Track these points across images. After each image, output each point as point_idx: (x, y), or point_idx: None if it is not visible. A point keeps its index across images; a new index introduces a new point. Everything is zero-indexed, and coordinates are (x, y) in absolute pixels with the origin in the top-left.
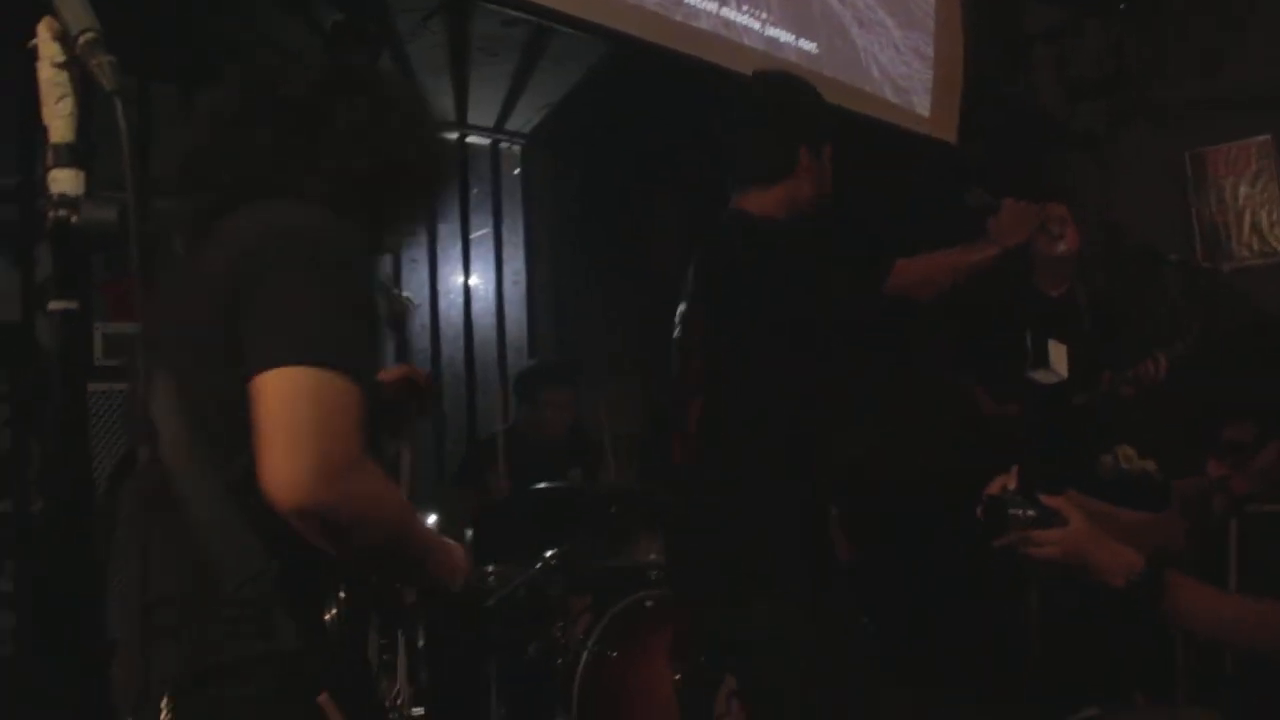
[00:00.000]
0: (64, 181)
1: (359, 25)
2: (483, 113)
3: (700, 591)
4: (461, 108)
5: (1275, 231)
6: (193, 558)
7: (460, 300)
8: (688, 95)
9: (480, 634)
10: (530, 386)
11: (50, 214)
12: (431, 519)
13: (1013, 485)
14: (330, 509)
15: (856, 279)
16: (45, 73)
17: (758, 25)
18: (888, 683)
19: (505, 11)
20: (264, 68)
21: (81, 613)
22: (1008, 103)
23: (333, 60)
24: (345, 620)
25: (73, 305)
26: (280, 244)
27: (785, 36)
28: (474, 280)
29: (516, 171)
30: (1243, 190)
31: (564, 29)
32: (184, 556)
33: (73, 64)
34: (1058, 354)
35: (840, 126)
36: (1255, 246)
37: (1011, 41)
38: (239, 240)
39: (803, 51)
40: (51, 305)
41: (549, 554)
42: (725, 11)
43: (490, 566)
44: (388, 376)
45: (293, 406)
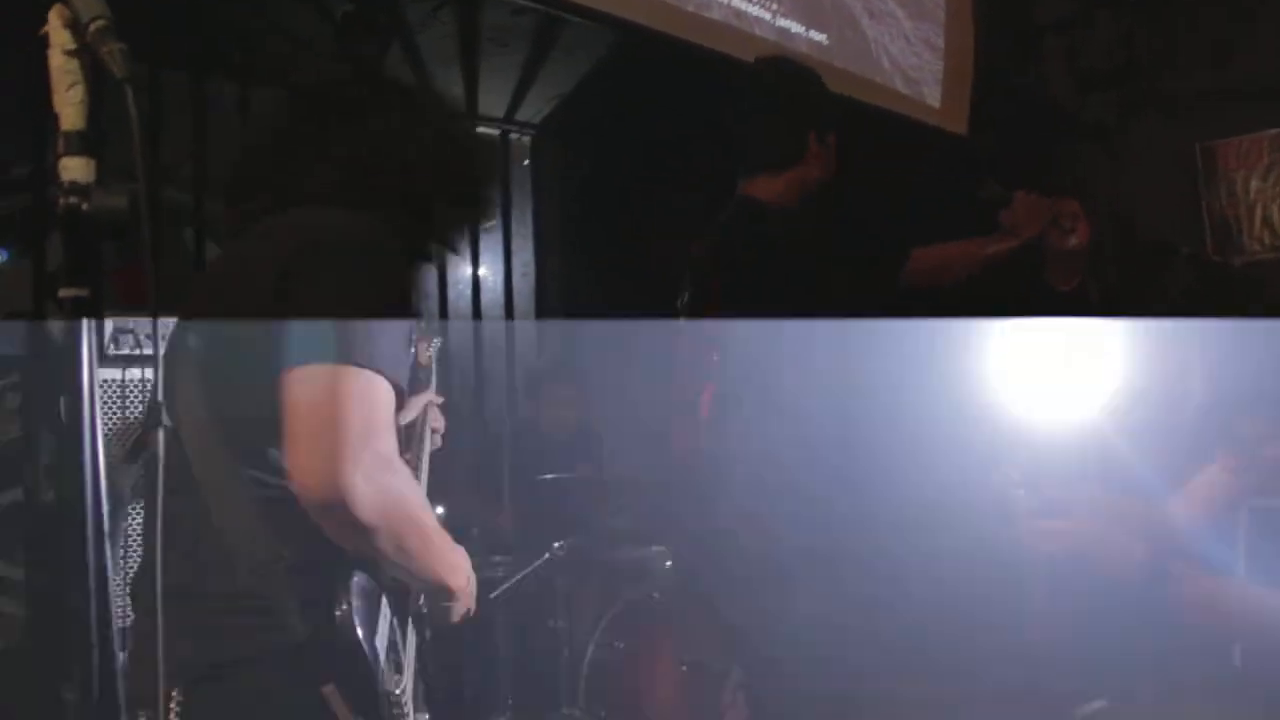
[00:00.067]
0: (74, 169)
1: (369, 15)
2: (492, 103)
3: (716, 578)
4: (471, 98)
5: None
6: (205, 547)
7: (469, 292)
8: (699, 86)
9: (487, 626)
10: (534, 384)
11: (61, 201)
12: (439, 510)
13: None
14: (354, 504)
15: (871, 268)
16: (56, 60)
17: (769, 16)
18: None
19: (515, 1)
20: (310, 81)
21: (91, 603)
22: (1018, 94)
23: (369, 73)
24: (354, 614)
25: (84, 293)
26: (319, 244)
27: (796, 27)
28: (482, 271)
29: (526, 162)
30: (1254, 184)
31: (574, 19)
32: (197, 545)
33: (83, 51)
34: None
35: (850, 117)
36: (1266, 240)
37: (1022, 32)
38: (280, 239)
39: (813, 42)
40: (62, 293)
41: (557, 545)
42: (736, 2)
43: (498, 558)
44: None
45: (322, 401)
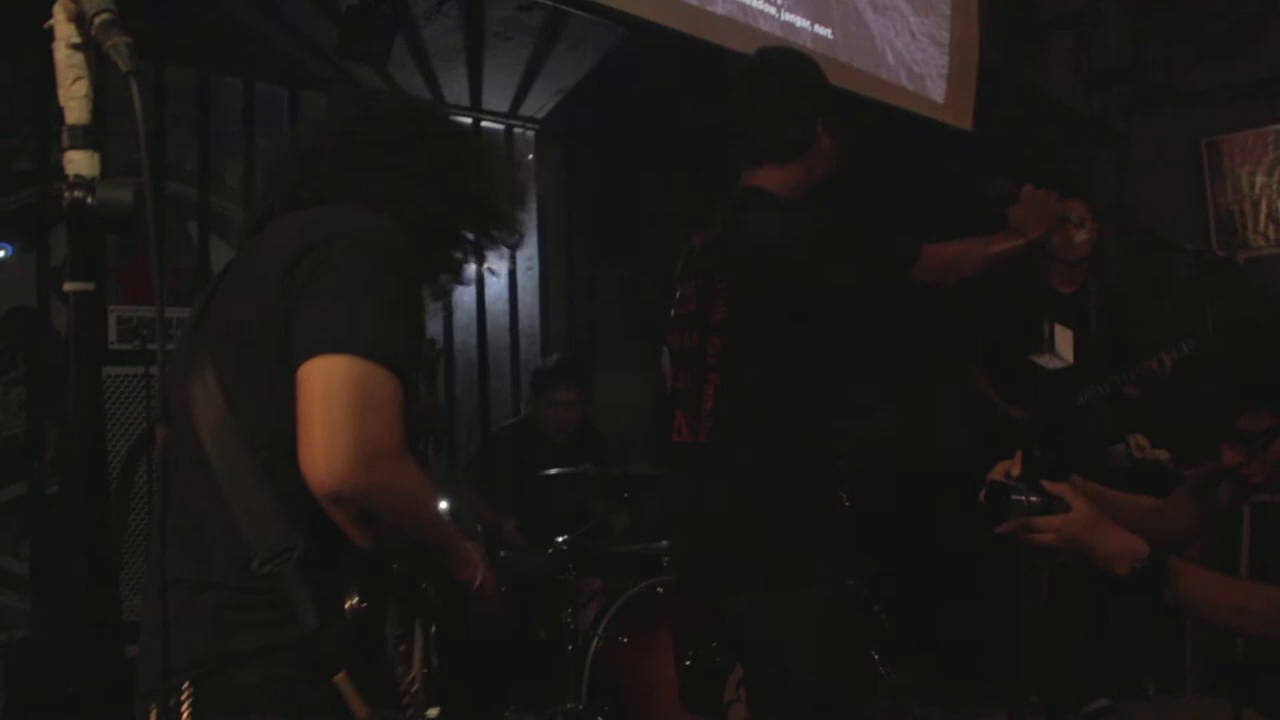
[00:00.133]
0: (79, 163)
1: (374, 9)
2: (497, 98)
3: (714, 576)
4: (476, 92)
5: None
6: (218, 538)
7: (473, 285)
8: (703, 81)
9: (484, 630)
10: (537, 385)
11: (66, 195)
12: (442, 505)
13: (1016, 471)
14: (365, 494)
15: (884, 262)
16: (61, 54)
17: (774, 10)
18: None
19: None
20: (349, 104)
21: (97, 595)
22: (1024, 90)
23: (410, 104)
24: (364, 606)
25: (88, 287)
26: (338, 243)
27: (801, 22)
28: (486, 266)
29: (530, 157)
30: (1259, 179)
31: (579, 13)
32: (208, 538)
33: (88, 45)
34: (1063, 339)
35: (856, 112)
36: (1271, 235)
37: (1028, 27)
38: (302, 234)
39: (818, 37)
40: (67, 286)
41: (561, 539)
42: None
43: (503, 552)
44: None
45: (337, 393)
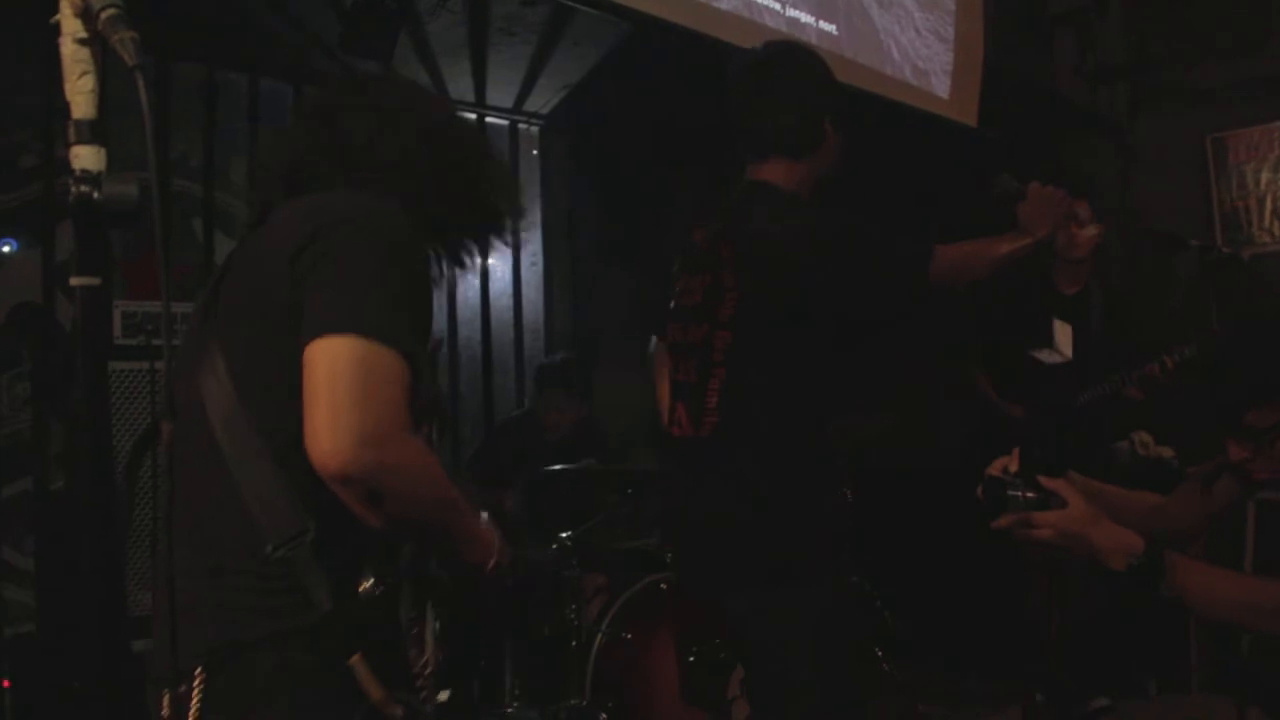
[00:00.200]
0: (86, 158)
1: (379, 4)
2: (501, 93)
3: (715, 573)
4: (480, 88)
5: None
6: (229, 526)
7: (478, 282)
8: (708, 77)
9: (495, 615)
10: (538, 382)
11: (72, 190)
12: None
13: (1014, 468)
14: (373, 475)
15: (898, 261)
16: (67, 49)
17: (779, 6)
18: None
19: None
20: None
21: (102, 591)
22: (1029, 86)
23: (347, 76)
24: (379, 589)
25: (95, 282)
26: (343, 227)
27: (806, 18)
28: (491, 261)
29: (535, 152)
30: (1265, 175)
31: (584, 9)
32: (219, 526)
33: (94, 40)
34: (1062, 334)
35: (860, 109)
36: (1277, 232)
37: (1032, 23)
38: (306, 220)
39: (823, 32)
40: (74, 281)
41: (564, 536)
42: None
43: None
44: None
45: (343, 373)
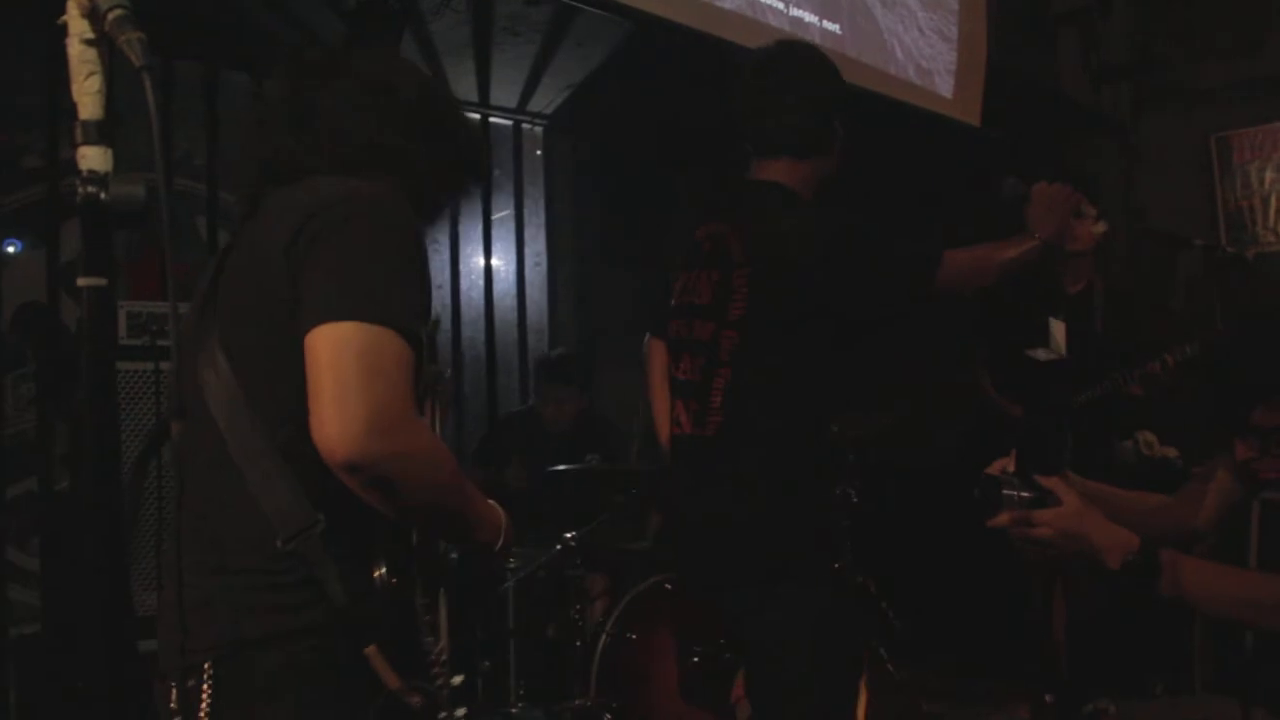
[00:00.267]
0: (93, 158)
1: (381, 4)
2: (505, 93)
3: (717, 572)
4: (484, 88)
5: None
6: (237, 521)
7: (481, 282)
8: (711, 77)
9: (499, 614)
10: (537, 375)
11: (80, 191)
12: None
13: (1011, 468)
14: (381, 461)
15: (910, 263)
16: (75, 50)
17: (782, 5)
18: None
19: None
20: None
21: (108, 591)
22: (1032, 85)
23: (310, 53)
24: (392, 577)
25: (102, 282)
26: (338, 208)
27: (810, 17)
28: (495, 261)
29: (539, 152)
30: (1269, 174)
31: (588, 8)
32: (227, 521)
33: (101, 41)
34: (1057, 332)
35: (865, 109)
36: None
37: (1036, 23)
38: (298, 208)
39: (827, 32)
40: (81, 281)
41: (568, 536)
42: None
43: (511, 549)
44: None
45: (346, 359)
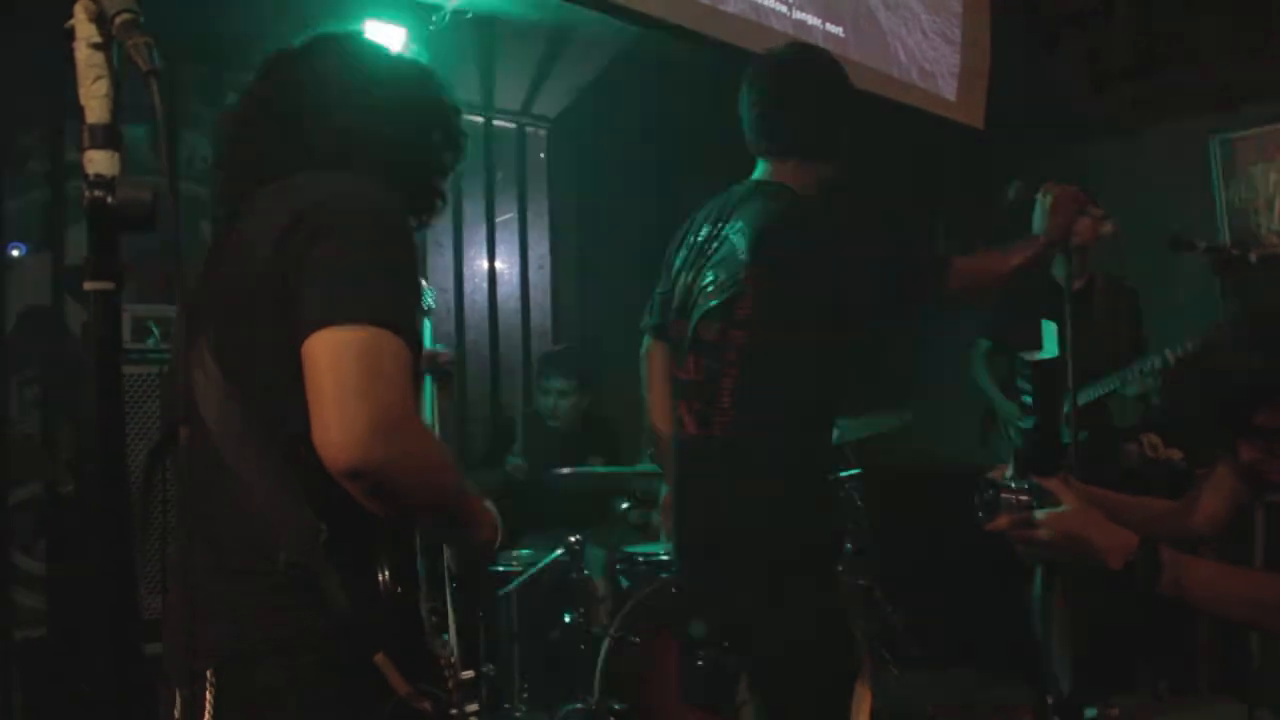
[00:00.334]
0: (100, 162)
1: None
2: (509, 96)
3: (721, 573)
4: (488, 91)
5: None
6: (239, 528)
7: (485, 284)
8: (714, 80)
9: (503, 617)
10: (536, 369)
11: (86, 195)
12: None
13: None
14: (382, 467)
15: (919, 265)
16: (82, 54)
17: (785, 9)
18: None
19: None
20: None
21: (113, 595)
22: (1035, 88)
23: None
24: (396, 583)
25: (109, 286)
26: (327, 209)
27: (813, 20)
28: (499, 264)
29: (542, 155)
30: (1272, 177)
31: (592, 12)
32: (229, 528)
33: (109, 45)
34: (1051, 333)
35: (869, 112)
36: None
37: (1039, 25)
38: (285, 208)
39: (830, 35)
40: (87, 285)
41: (573, 539)
42: None
43: (514, 551)
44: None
45: (345, 364)
